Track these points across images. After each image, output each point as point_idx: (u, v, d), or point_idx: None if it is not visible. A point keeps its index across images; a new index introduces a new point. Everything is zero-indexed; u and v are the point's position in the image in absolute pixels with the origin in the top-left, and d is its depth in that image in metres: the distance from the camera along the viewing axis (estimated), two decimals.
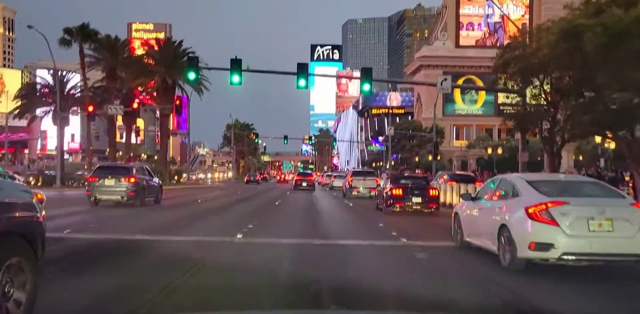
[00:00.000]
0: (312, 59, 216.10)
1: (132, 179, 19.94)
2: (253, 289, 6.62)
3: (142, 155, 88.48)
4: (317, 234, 12.68)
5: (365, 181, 30.93)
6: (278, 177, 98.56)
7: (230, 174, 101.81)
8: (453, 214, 11.24)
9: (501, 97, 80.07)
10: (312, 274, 7.93)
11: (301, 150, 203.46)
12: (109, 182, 19.82)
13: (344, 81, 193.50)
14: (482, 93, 77.26)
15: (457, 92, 76.03)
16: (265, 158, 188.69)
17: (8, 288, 4.23)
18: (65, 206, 19.30)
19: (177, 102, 40.67)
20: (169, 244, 10.79)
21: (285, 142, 51.18)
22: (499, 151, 42.96)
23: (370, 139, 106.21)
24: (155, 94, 48.24)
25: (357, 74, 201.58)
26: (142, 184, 20.55)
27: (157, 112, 62.17)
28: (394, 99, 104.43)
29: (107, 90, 45.56)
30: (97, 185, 19.91)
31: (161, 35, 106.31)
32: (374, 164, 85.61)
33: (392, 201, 18.67)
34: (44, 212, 5.09)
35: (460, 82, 76.28)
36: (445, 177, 26.86)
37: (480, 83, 77.19)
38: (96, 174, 20.57)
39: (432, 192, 19.08)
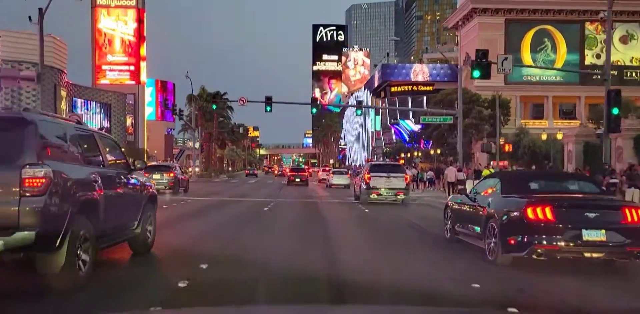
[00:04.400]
0: (314, 41, 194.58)
1: (172, 174, 29.16)
2: None
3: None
4: None
5: (389, 179, 22.92)
6: (277, 172, 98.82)
7: (218, 170, 76.40)
8: None
9: (590, 57, 56.75)
10: None
11: (303, 143, 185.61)
12: (156, 176, 27.67)
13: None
14: (562, 51, 53.73)
15: (525, 48, 52.71)
16: (262, 151, 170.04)
17: (148, 226, 9.16)
18: None
19: None
20: None
21: (268, 109, 29.83)
22: None
23: (389, 124, 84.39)
24: None
25: (362, 53, 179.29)
26: (178, 178, 29.56)
27: None
28: (420, 72, 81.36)
29: None
30: (148, 178, 23.68)
31: None
32: (401, 155, 63.06)
33: (526, 238, 7.89)
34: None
35: (529, 34, 53.05)
36: None
37: (559, 36, 53.75)
38: (147, 170, 26.27)
39: (634, 216, 7.94)
